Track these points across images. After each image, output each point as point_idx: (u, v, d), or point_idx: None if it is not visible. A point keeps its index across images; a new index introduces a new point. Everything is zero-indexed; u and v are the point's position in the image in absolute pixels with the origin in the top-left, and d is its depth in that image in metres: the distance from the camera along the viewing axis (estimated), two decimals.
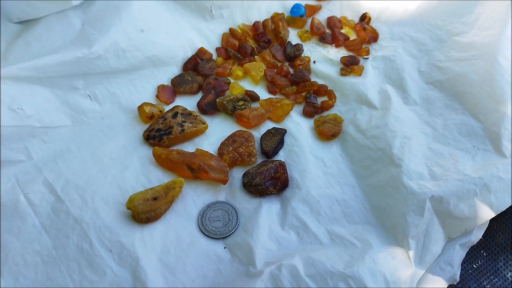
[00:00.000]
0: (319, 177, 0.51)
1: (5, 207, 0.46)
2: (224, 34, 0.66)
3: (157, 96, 0.59)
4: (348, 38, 0.66)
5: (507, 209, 0.47)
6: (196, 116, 0.56)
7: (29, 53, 0.54)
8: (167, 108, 0.58)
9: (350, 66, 0.62)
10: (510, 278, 0.47)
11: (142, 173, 0.51)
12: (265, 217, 0.48)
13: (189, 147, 0.54)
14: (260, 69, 0.62)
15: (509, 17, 0.56)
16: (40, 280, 0.43)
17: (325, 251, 0.44)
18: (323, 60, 0.64)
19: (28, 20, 0.57)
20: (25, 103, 0.52)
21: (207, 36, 0.65)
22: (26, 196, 0.47)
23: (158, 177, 0.50)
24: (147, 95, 0.59)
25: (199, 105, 0.58)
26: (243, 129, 0.56)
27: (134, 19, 0.59)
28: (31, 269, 0.43)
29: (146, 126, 0.55)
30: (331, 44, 0.66)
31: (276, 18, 0.67)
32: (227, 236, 0.47)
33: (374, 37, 0.65)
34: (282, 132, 0.55)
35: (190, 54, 0.63)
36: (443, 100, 0.55)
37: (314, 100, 0.59)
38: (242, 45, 0.64)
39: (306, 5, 0.70)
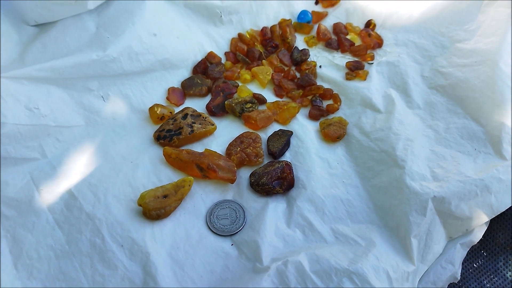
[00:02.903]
0: (324, 177, 0.52)
1: (20, 203, 0.47)
2: (233, 39, 0.67)
3: (167, 98, 0.60)
4: (354, 44, 0.67)
5: (507, 210, 0.48)
6: (205, 118, 0.57)
7: (46, 55, 0.55)
8: (177, 109, 0.59)
9: (355, 70, 0.63)
10: (510, 278, 0.48)
11: (153, 171, 0.52)
12: (272, 215, 0.49)
13: (198, 148, 0.55)
14: (268, 73, 0.63)
15: (510, 25, 0.58)
16: (53, 274, 0.44)
17: (329, 249, 0.45)
18: (328, 65, 0.65)
19: (44, 23, 0.58)
20: (41, 103, 0.53)
21: (217, 41, 0.67)
22: (40, 193, 0.48)
23: (168, 176, 0.52)
24: (158, 97, 0.60)
25: (208, 107, 0.59)
26: (251, 130, 0.57)
27: (147, 23, 0.60)
28: (45, 263, 0.44)
29: (156, 127, 0.57)
30: (336, 49, 0.67)
31: (283, 24, 0.68)
32: (234, 234, 0.48)
33: (378, 43, 0.66)
34: (289, 134, 0.56)
35: (200, 57, 0.65)
36: (446, 105, 0.57)
37: (320, 103, 0.61)
38: (250, 50, 0.66)
39: (313, 11, 0.71)
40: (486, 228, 0.48)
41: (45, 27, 0.59)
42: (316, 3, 0.73)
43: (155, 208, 0.48)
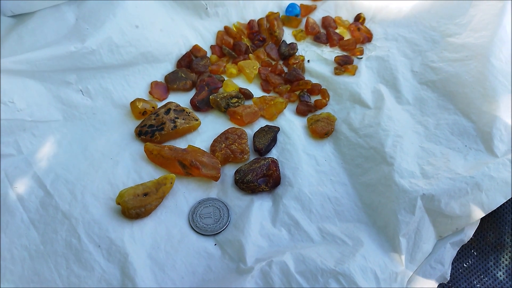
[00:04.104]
0: (311, 175, 0.51)
1: None
2: (219, 32, 0.66)
3: (150, 93, 0.58)
4: (343, 38, 0.66)
5: (497, 208, 0.47)
6: (189, 113, 0.55)
7: (22, 47, 0.54)
8: (160, 104, 0.58)
9: (344, 65, 0.62)
10: (500, 277, 0.47)
11: (134, 168, 0.50)
12: (257, 214, 0.47)
13: (181, 144, 0.54)
14: (254, 67, 0.62)
15: (502, 19, 0.57)
16: (27, 276, 0.42)
17: (316, 249, 0.44)
18: (317, 59, 0.64)
19: (21, 14, 0.57)
20: (17, 97, 0.52)
21: (202, 34, 0.65)
22: (14, 190, 0.47)
23: (150, 173, 0.50)
24: (140, 91, 0.59)
25: (192, 102, 0.58)
26: (236, 126, 0.56)
27: (129, 15, 0.58)
28: (18, 264, 0.43)
29: (138, 122, 0.55)
30: (325, 43, 0.66)
31: (271, 17, 0.67)
32: (218, 233, 0.47)
33: (368, 37, 0.65)
34: (275, 130, 0.55)
35: (184, 51, 0.63)
36: (436, 100, 0.56)
37: (308, 98, 0.59)
38: (237, 43, 0.64)
39: (301, 4, 0.70)
40: (477, 227, 0.48)
41: (22, 18, 0.57)
42: None
43: (135, 206, 0.46)
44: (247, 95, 0.59)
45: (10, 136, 0.50)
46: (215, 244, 0.46)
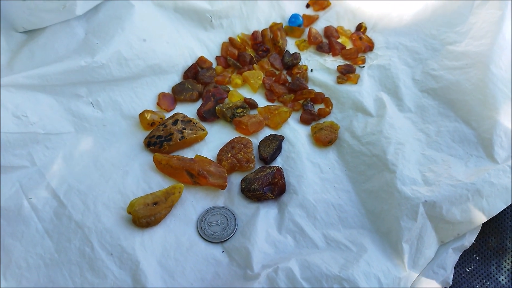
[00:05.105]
0: (315, 182, 0.52)
1: (9, 211, 0.47)
2: (223, 43, 0.67)
3: (158, 104, 0.60)
4: (345, 47, 0.67)
5: (499, 214, 0.48)
6: (196, 123, 0.57)
7: (34, 62, 0.55)
8: (167, 115, 0.59)
9: (346, 74, 0.63)
10: (502, 282, 0.48)
11: (143, 178, 0.52)
12: (263, 221, 0.48)
13: (188, 154, 0.55)
14: (259, 77, 0.63)
15: (501, 27, 0.58)
16: (42, 283, 0.44)
17: (320, 255, 0.45)
18: (320, 68, 0.65)
19: (33, 29, 0.58)
20: (30, 111, 0.53)
21: (207, 45, 0.66)
22: (29, 201, 0.48)
23: (158, 183, 0.51)
24: (148, 102, 0.60)
25: (199, 112, 0.59)
26: (242, 135, 0.57)
27: (136, 28, 0.60)
28: (34, 272, 0.44)
29: (147, 133, 0.56)
30: (328, 53, 0.67)
31: (274, 27, 0.68)
32: (225, 240, 0.48)
33: (370, 46, 0.66)
34: (280, 138, 0.56)
35: (190, 62, 0.64)
36: (437, 108, 0.56)
37: (311, 107, 0.60)
38: (241, 54, 0.66)
39: (304, 15, 0.71)
40: (478, 232, 0.48)
41: (33, 33, 0.58)
42: (307, 6, 0.73)
43: (145, 215, 0.47)
44: (252, 105, 0.60)
45: (24, 148, 0.52)
46: (223, 251, 0.47)
